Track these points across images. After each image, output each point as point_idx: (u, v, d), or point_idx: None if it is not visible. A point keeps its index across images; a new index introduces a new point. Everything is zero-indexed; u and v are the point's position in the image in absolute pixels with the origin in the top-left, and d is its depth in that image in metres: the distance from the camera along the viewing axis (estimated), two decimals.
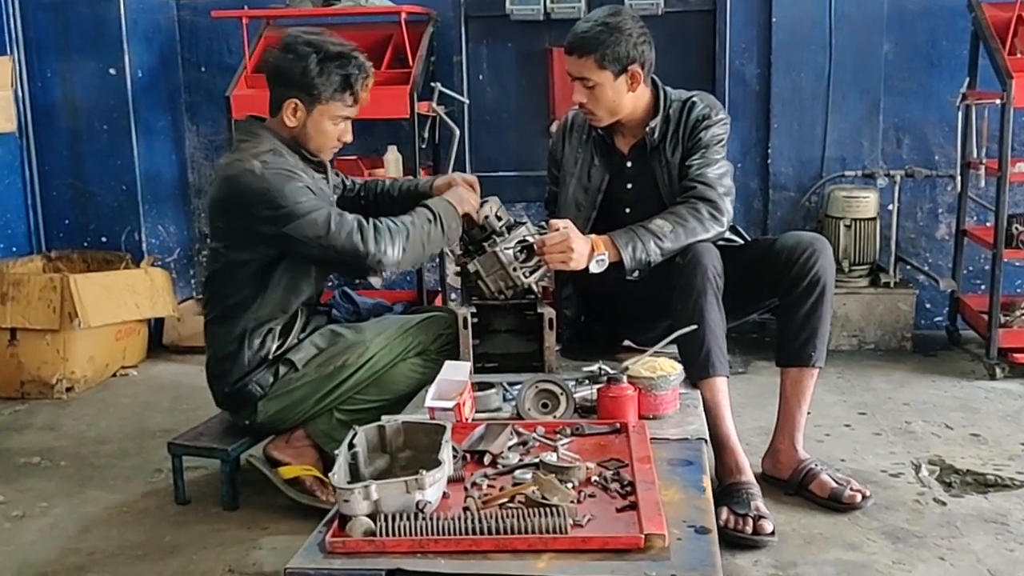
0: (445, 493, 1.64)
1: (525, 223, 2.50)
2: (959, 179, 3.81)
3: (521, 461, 1.82)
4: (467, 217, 2.50)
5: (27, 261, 4.10)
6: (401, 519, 1.51)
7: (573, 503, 1.60)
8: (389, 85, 3.65)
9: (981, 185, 3.82)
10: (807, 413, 2.60)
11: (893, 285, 3.91)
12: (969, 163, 3.78)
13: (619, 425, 1.99)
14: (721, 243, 2.50)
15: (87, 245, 4.29)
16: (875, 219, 3.93)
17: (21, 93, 4.17)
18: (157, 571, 2.30)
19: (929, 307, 4.21)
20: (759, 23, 4.10)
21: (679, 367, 2.19)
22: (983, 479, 2.66)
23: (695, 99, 2.60)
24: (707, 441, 2.05)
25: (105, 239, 4.29)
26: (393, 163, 3.96)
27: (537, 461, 1.78)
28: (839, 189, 3.97)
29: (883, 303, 3.91)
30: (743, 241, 2.65)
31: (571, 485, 1.68)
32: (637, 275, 2.42)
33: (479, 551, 1.48)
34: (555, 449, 1.85)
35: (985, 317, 3.64)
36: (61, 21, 4.14)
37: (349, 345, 2.51)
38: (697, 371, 2.35)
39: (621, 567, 1.44)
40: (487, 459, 1.83)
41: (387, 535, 1.49)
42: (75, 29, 4.13)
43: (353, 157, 3.89)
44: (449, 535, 1.49)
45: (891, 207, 3.93)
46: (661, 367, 2.14)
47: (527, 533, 1.49)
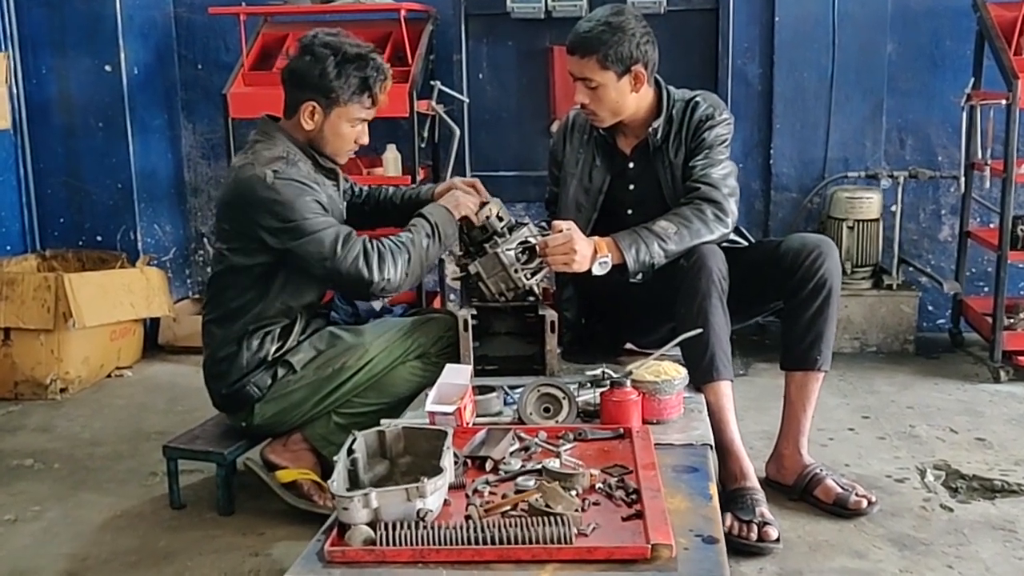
0: (446, 500, 1.62)
1: (527, 224, 2.47)
2: (963, 180, 3.78)
3: (523, 467, 1.79)
4: (466, 219, 2.48)
5: (21, 260, 4.06)
6: (402, 528, 1.48)
7: (578, 511, 1.57)
8: None
9: (985, 186, 3.80)
10: (812, 417, 2.56)
11: (896, 287, 3.88)
12: (973, 164, 3.75)
13: (623, 430, 1.96)
14: (725, 245, 2.47)
15: (82, 244, 4.25)
16: (878, 220, 3.91)
17: (16, 90, 4.13)
18: None
19: (932, 309, 4.19)
20: (762, 22, 4.07)
21: (683, 371, 2.15)
22: (990, 484, 2.62)
23: (698, 99, 2.57)
24: (712, 447, 2.02)
25: (100, 238, 4.25)
26: (392, 162, 3.92)
27: (540, 467, 1.75)
28: (842, 190, 3.94)
29: (886, 305, 3.89)
30: (747, 243, 2.61)
31: (575, 492, 1.65)
32: (640, 277, 2.39)
33: (481, 561, 1.45)
34: (558, 455, 1.82)
35: (989, 320, 3.62)
36: (56, 17, 4.10)
37: (348, 347, 2.48)
38: (701, 375, 2.31)
39: None
40: (489, 465, 1.80)
41: (387, 544, 1.46)
42: (70, 25, 4.10)
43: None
44: (451, 544, 1.46)
45: (894, 208, 3.90)
46: (665, 371, 2.11)
47: (531, 543, 1.46)
